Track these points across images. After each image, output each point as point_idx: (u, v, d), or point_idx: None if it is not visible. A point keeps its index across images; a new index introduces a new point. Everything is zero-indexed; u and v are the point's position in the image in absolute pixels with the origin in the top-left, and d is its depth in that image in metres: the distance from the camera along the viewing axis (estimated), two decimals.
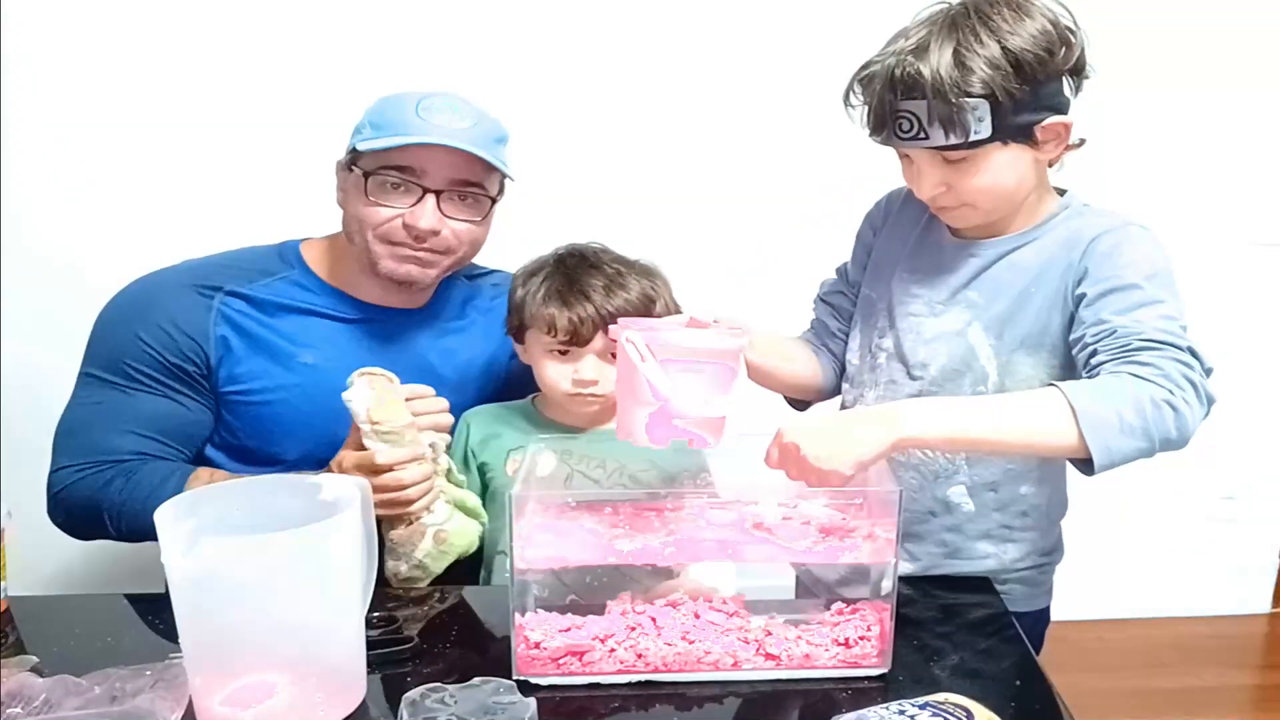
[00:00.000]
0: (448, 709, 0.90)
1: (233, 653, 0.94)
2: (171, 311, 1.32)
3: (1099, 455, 0.99)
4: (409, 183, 1.29)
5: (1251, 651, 2.42)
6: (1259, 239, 2.23)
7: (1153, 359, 1.01)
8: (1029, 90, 1.07)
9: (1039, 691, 1.02)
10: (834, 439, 1.00)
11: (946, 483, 1.22)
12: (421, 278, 1.35)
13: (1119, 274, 1.08)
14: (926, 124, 1.07)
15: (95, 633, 1.13)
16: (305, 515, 0.96)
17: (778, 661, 1.02)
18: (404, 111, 1.28)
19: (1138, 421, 0.99)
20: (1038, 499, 1.23)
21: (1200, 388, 1.02)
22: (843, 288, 1.37)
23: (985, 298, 1.18)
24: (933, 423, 1.00)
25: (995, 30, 1.06)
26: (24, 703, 0.93)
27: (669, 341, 1.03)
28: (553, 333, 1.29)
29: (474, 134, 1.29)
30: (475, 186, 1.32)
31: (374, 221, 1.30)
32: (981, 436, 1.01)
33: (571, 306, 1.29)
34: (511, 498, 0.97)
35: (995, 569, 1.24)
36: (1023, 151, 1.11)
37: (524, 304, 1.32)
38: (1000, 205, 1.15)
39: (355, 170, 1.31)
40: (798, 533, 1.03)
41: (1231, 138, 2.14)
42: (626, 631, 1.02)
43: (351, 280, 1.39)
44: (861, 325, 1.30)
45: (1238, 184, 2.19)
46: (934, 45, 1.06)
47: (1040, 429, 1.01)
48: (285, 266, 1.40)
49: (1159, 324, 1.04)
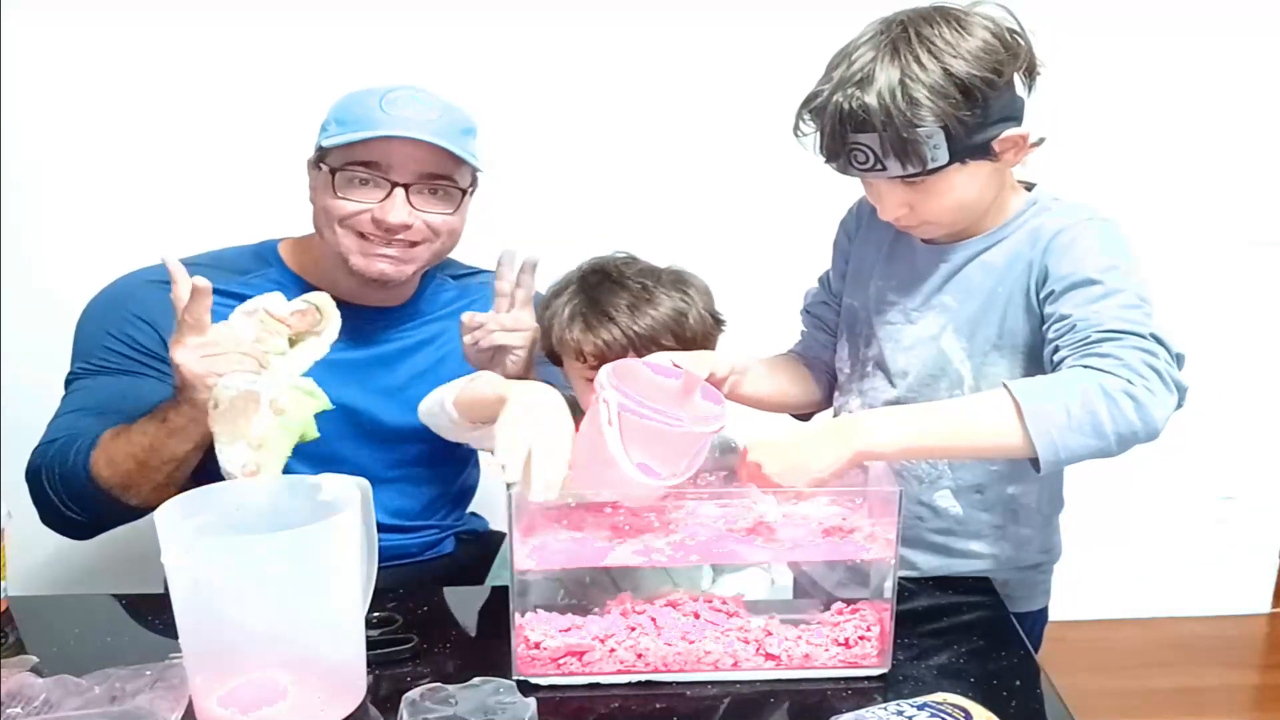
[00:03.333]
0: (448, 709, 0.90)
1: (232, 653, 0.94)
2: (145, 309, 1.32)
3: (1044, 452, 0.97)
4: (376, 177, 1.28)
5: (1251, 651, 2.41)
6: (1258, 238, 2.23)
7: (1112, 349, 0.99)
8: (980, 111, 1.05)
9: (1038, 691, 1.02)
10: (792, 456, 1.00)
11: (931, 488, 1.22)
12: (396, 275, 1.33)
13: (1076, 269, 1.07)
14: (882, 156, 1.05)
15: (95, 633, 1.13)
16: (305, 515, 0.96)
17: (777, 661, 1.02)
18: (368, 106, 1.27)
19: (1086, 417, 0.96)
20: (1027, 498, 1.23)
21: (1166, 375, 0.99)
22: (825, 298, 1.37)
23: (958, 300, 1.18)
24: (886, 434, 1.00)
25: (937, 54, 1.03)
26: (24, 703, 0.93)
27: (642, 419, 0.98)
28: (581, 359, 1.22)
29: (439, 125, 1.27)
30: (444, 179, 1.31)
31: (341, 216, 1.29)
32: (935, 444, 1.02)
33: (596, 330, 1.20)
34: (511, 498, 0.97)
35: (992, 569, 1.24)
36: (980, 166, 1.09)
37: (550, 328, 1.25)
38: (964, 217, 1.15)
39: (323, 167, 1.30)
40: (798, 532, 1.03)
41: (1230, 136, 2.13)
42: (626, 631, 1.02)
43: (329, 278, 1.37)
44: (848, 335, 1.30)
45: (1236, 183, 2.18)
46: (879, 73, 1.04)
47: (990, 430, 0.99)
48: (263, 265, 1.39)
49: (1119, 314, 1.02)
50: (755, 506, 1.02)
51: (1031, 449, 0.97)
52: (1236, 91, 2.12)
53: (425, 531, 1.47)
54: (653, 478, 0.99)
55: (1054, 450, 0.97)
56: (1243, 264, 2.24)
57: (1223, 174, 2.17)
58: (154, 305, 1.30)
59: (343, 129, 1.27)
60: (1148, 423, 0.97)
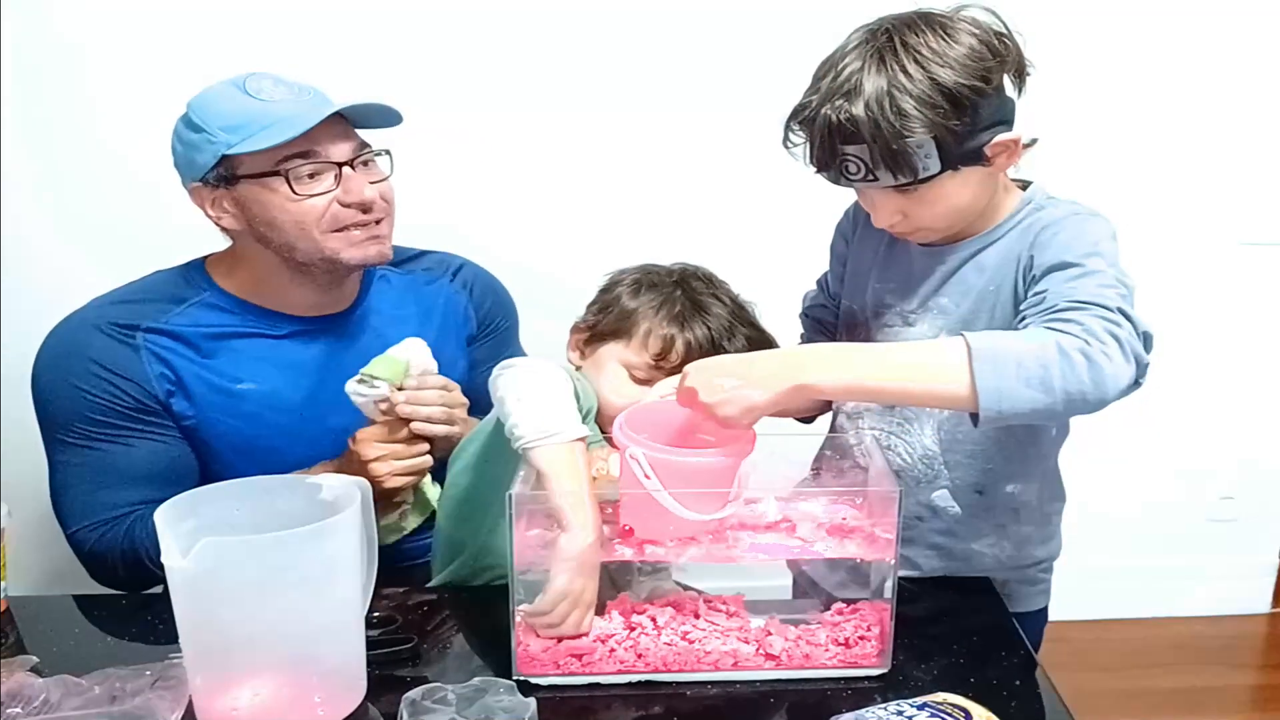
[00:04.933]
0: (448, 709, 0.90)
1: (233, 653, 0.94)
2: (99, 358, 1.26)
3: (986, 399, 0.93)
4: (317, 165, 1.22)
5: (1251, 651, 2.41)
6: (1249, 238, 2.23)
7: (1075, 316, 0.97)
8: (969, 118, 1.04)
9: (1039, 691, 1.02)
10: (730, 388, 0.98)
11: (929, 488, 1.22)
12: (388, 254, 1.30)
13: (1058, 255, 1.05)
14: (873, 166, 1.05)
15: (95, 633, 1.13)
16: (305, 515, 0.96)
17: (777, 661, 1.02)
18: (255, 100, 1.21)
19: (1036, 370, 0.93)
20: (1027, 495, 1.23)
21: (1127, 345, 0.95)
22: (824, 300, 1.37)
23: (955, 302, 1.17)
24: (832, 372, 0.98)
25: (923, 62, 1.02)
26: (24, 703, 0.93)
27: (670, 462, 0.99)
28: (661, 357, 1.21)
29: (327, 99, 1.24)
30: (367, 146, 1.28)
31: (315, 218, 1.23)
32: (880, 385, 0.98)
33: (691, 330, 1.21)
34: (511, 498, 0.97)
35: (993, 568, 1.24)
36: (973, 171, 1.08)
37: (633, 314, 1.23)
38: (959, 221, 1.14)
39: (248, 181, 1.22)
40: (798, 532, 1.03)
41: (1220, 137, 2.13)
42: (626, 631, 1.02)
43: (275, 295, 1.32)
44: (847, 337, 1.30)
45: (1227, 183, 2.18)
46: (865, 83, 1.03)
47: (937, 374, 0.96)
48: (195, 290, 1.33)
49: (1093, 290, 0.99)
50: (755, 506, 1.02)
51: (976, 397, 0.94)
52: (1227, 92, 2.11)
53: (426, 531, 1.47)
54: (710, 510, 0.99)
55: (997, 399, 0.93)
56: (1235, 264, 2.24)
57: (1213, 174, 2.17)
58: (114, 356, 1.26)
59: (253, 130, 1.19)
60: (1099, 384, 0.93)
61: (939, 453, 1.20)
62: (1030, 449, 1.21)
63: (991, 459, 1.20)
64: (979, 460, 1.20)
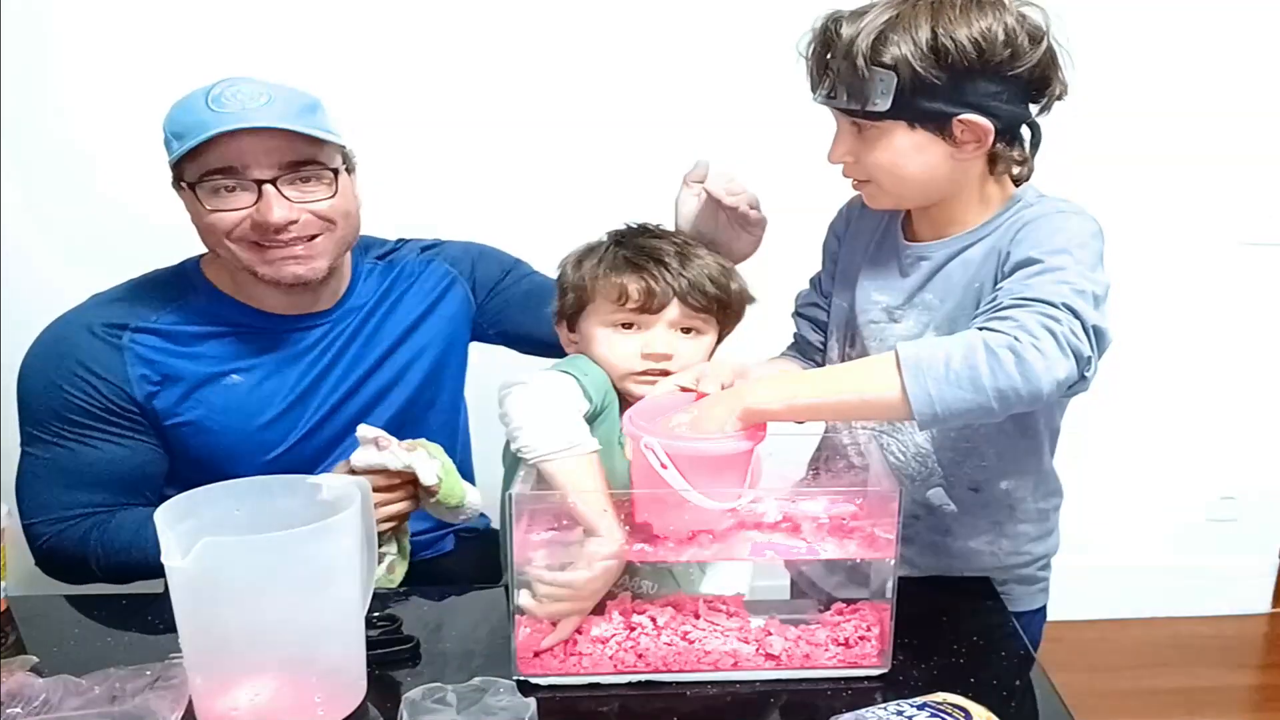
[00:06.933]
0: (448, 709, 0.90)
1: (233, 653, 0.94)
2: (84, 359, 1.27)
3: (918, 403, 0.93)
4: (239, 181, 1.20)
5: (1251, 651, 2.42)
6: (1249, 238, 2.23)
7: (1013, 313, 0.96)
8: (946, 78, 1.04)
9: (1038, 691, 1.02)
10: (694, 411, 1.03)
11: (924, 486, 1.22)
12: (310, 273, 1.27)
13: (1026, 252, 1.05)
14: (836, 85, 1.07)
15: (95, 633, 1.13)
16: (305, 515, 0.96)
17: (777, 661, 1.02)
18: (197, 110, 1.19)
19: (965, 370, 0.92)
20: (1022, 492, 1.23)
21: (1063, 339, 0.94)
22: (816, 299, 1.37)
23: (940, 298, 1.17)
24: (771, 391, 1.01)
25: (938, 17, 1.03)
26: (24, 703, 0.93)
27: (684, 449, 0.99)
28: (623, 300, 1.18)
29: (278, 110, 1.19)
30: (308, 164, 1.23)
31: (225, 229, 1.22)
32: (818, 400, 1.00)
33: (643, 271, 1.19)
34: (511, 497, 0.97)
35: (990, 566, 1.24)
36: (933, 141, 1.08)
37: (582, 281, 1.22)
38: (907, 191, 1.13)
39: (184, 186, 1.23)
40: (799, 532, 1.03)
41: (1220, 138, 2.13)
42: (626, 631, 1.02)
43: (248, 294, 1.33)
44: (837, 335, 1.30)
45: (1227, 183, 2.19)
46: (874, 13, 1.05)
47: (871, 385, 0.97)
48: (189, 289, 1.34)
49: (1044, 287, 0.98)
50: (755, 506, 1.02)
51: (909, 403, 0.94)
52: (1227, 93, 2.11)
53: (425, 531, 1.47)
54: (727, 499, 1.00)
55: (929, 403, 0.93)
56: (1235, 264, 2.25)
57: (1213, 174, 2.17)
58: (97, 356, 1.27)
59: (181, 142, 1.19)
60: (1030, 379, 0.92)
61: (932, 450, 1.20)
62: (1023, 445, 1.21)
63: (985, 456, 1.19)
64: (973, 457, 1.20)
